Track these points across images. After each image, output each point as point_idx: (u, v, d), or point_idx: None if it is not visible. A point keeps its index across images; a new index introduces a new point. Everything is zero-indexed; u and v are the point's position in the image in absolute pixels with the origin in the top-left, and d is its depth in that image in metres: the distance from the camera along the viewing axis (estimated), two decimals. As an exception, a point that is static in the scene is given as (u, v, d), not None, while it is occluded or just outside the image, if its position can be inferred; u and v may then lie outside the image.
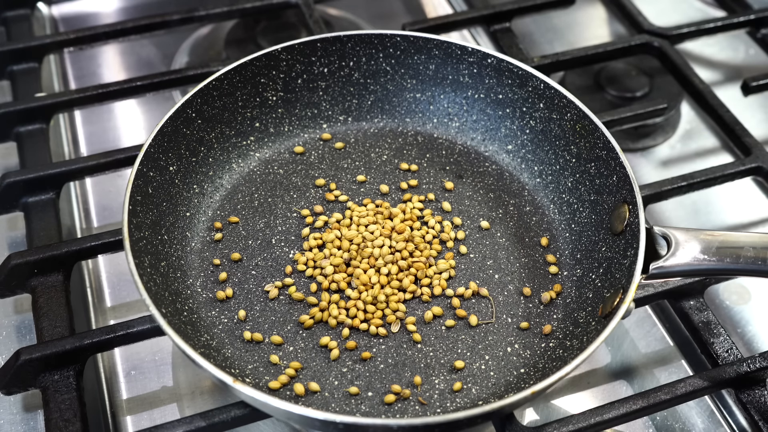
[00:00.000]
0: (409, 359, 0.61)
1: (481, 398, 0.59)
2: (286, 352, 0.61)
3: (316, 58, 0.74)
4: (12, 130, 0.78)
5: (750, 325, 0.71)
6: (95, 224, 0.77)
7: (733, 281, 0.74)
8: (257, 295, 0.65)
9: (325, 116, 0.77)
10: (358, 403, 0.58)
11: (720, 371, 0.62)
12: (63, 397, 0.59)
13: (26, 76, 0.85)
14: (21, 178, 0.71)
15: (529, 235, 0.69)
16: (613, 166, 0.65)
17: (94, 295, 0.72)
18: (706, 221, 0.80)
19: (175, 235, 0.66)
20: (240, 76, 0.72)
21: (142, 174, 0.64)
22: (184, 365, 0.66)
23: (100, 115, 0.87)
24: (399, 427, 0.50)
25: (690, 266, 0.57)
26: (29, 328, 0.67)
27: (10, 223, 0.76)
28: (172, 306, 0.60)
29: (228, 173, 0.72)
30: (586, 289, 0.64)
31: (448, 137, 0.76)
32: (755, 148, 0.77)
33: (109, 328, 0.62)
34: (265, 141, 0.75)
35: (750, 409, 0.62)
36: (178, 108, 0.67)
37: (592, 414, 0.58)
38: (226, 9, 0.90)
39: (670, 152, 0.86)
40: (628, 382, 0.67)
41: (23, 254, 0.66)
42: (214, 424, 0.57)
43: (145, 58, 0.95)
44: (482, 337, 0.63)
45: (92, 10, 1.01)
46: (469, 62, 0.73)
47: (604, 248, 0.64)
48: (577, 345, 0.59)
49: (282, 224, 0.70)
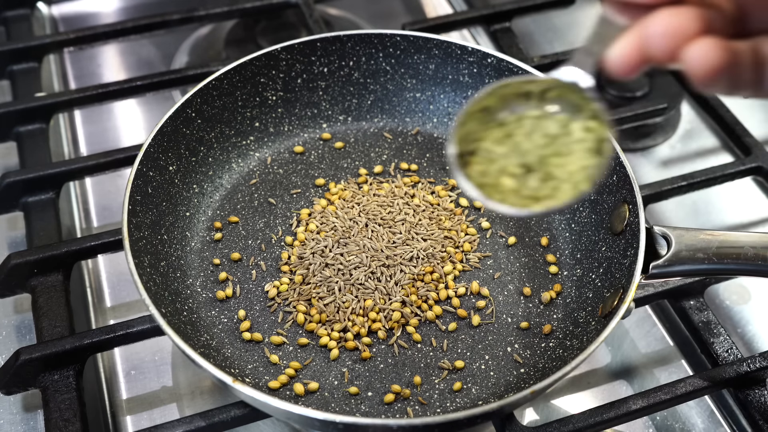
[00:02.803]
0: (409, 359, 0.61)
1: (481, 398, 0.59)
2: (286, 351, 0.61)
3: (315, 57, 0.74)
4: (12, 130, 0.78)
5: (750, 325, 0.71)
6: (95, 224, 0.77)
7: (733, 281, 0.74)
8: (257, 295, 0.65)
9: (324, 116, 0.77)
10: (358, 403, 0.58)
11: (720, 371, 0.62)
12: (63, 397, 0.59)
13: (26, 75, 0.85)
14: (21, 178, 0.71)
15: (529, 235, 0.69)
16: (613, 165, 0.65)
17: (94, 295, 0.72)
18: (706, 221, 0.80)
19: (175, 235, 0.66)
20: (240, 76, 0.72)
21: (142, 174, 0.64)
22: (184, 365, 0.66)
23: (100, 115, 0.87)
24: (399, 427, 0.50)
25: (690, 266, 0.57)
26: (29, 327, 0.67)
27: (10, 223, 0.76)
28: (172, 306, 0.60)
29: (228, 173, 0.72)
30: (586, 289, 0.64)
31: (448, 137, 0.76)
32: (755, 148, 0.77)
33: (109, 328, 0.62)
34: (264, 141, 0.75)
35: (750, 409, 0.62)
36: (178, 108, 0.67)
37: (592, 414, 0.58)
38: (226, 9, 0.90)
39: (670, 152, 0.86)
40: (628, 382, 0.67)
41: (23, 254, 0.66)
42: (214, 424, 0.57)
43: (145, 58, 0.95)
44: (482, 337, 0.63)
45: (92, 10, 1.01)
46: (469, 62, 0.73)
47: (604, 248, 0.64)
48: (577, 345, 0.59)
49: (282, 224, 0.70)
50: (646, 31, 0.38)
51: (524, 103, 0.45)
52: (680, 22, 0.38)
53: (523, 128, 0.45)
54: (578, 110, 0.44)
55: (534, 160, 0.44)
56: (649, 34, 0.38)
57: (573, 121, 0.44)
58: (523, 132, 0.45)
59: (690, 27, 0.38)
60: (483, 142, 0.45)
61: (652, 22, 0.38)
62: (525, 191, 0.44)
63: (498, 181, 0.44)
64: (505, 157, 0.44)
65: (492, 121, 0.45)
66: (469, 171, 0.45)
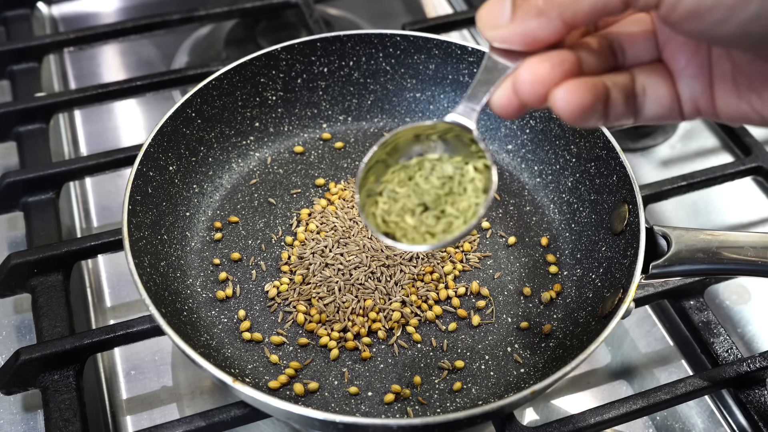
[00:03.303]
0: (409, 359, 0.61)
1: (481, 398, 0.59)
2: (286, 351, 0.61)
3: (315, 57, 0.74)
4: (12, 130, 0.78)
5: (750, 325, 0.71)
6: (95, 224, 0.77)
7: (733, 281, 0.74)
8: (257, 295, 0.65)
9: (324, 116, 0.77)
10: (358, 403, 0.58)
11: (720, 371, 0.62)
12: (63, 397, 0.59)
13: (26, 75, 0.85)
14: (21, 178, 0.71)
15: (529, 235, 0.69)
16: (613, 165, 0.65)
17: (94, 295, 0.72)
18: (706, 221, 0.80)
19: (175, 235, 0.66)
20: (240, 76, 0.72)
21: (142, 174, 0.64)
22: (184, 365, 0.66)
23: (100, 115, 0.87)
24: (399, 427, 0.50)
25: (690, 266, 0.57)
26: (29, 327, 0.67)
27: (10, 223, 0.76)
28: (172, 306, 0.60)
29: (228, 173, 0.72)
30: (586, 289, 0.64)
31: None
32: (755, 148, 0.77)
33: (109, 327, 0.62)
34: (264, 141, 0.75)
35: (750, 409, 0.62)
36: (178, 108, 0.67)
37: (592, 414, 0.58)
38: (226, 9, 0.90)
39: (670, 152, 0.86)
40: (628, 382, 0.67)
41: (23, 254, 0.66)
42: (214, 423, 0.57)
43: (145, 58, 0.95)
44: (482, 337, 0.63)
45: (92, 10, 1.01)
46: (469, 62, 0.73)
47: (604, 248, 0.64)
48: (577, 345, 0.59)
49: (282, 224, 0.70)
50: (517, 79, 0.40)
51: (427, 145, 0.49)
52: (545, 68, 0.39)
53: (424, 170, 0.49)
54: (473, 152, 0.48)
55: (431, 199, 0.49)
56: (518, 81, 0.40)
57: (468, 163, 0.48)
58: (422, 174, 0.49)
59: (556, 71, 0.39)
60: (388, 184, 0.50)
61: (520, 69, 0.40)
62: (422, 228, 0.49)
63: (401, 219, 0.49)
64: (406, 197, 0.49)
65: (396, 163, 0.50)
66: (375, 210, 0.49)
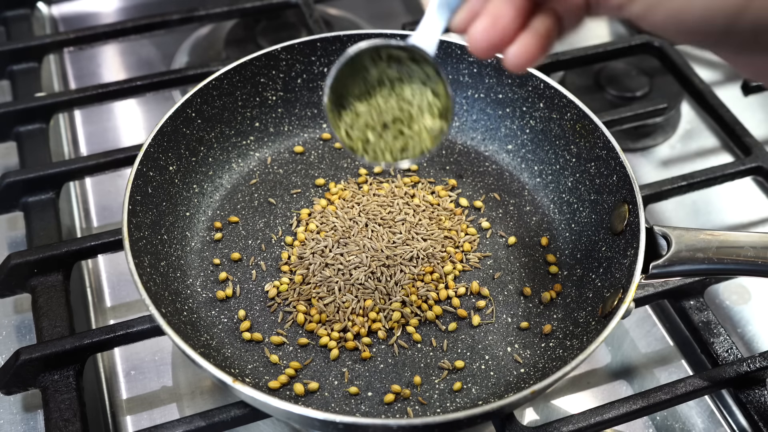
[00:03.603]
0: (409, 359, 0.61)
1: (481, 398, 0.59)
2: (286, 351, 0.61)
3: (315, 57, 0.74)
4: (12, 130, 0.78)
5: (750, 325, 0.71)
6: (95, 224, 0.77)
7: (733, 281, 0.74)
8: (257, 295, 0.65)
9: (324, 116, 0.76)
10: (358, 403, 0.58)
11: (720, 371, 0.62)
12: (63, 397, 0.59)
13: (26, 75, 0.85)
14: (21, 178, 0.71)
15: (529, 235, 0.69)
16: (613, 165, 0.65)
17: (94, 295, 0.72)
18: (706, 221, 0.80)
19: (175, 235, 0.66)
20: (240, 76, 0.72)
21: (142, 174, 0.64)
22: (184, 365, 0.66)
23: (99, 115, 0.87)
24: (399, 427, 0.50)
25: (690, 266, 0.57)
26: (29, 327, 0.67)
27: (10, 223, 0.76)
28: (172, 306, 0.60)
29: (228, 173, 0.72)
30: (586, 289, 0.64)
31: (447, 137, 0.76)
32: (755, 148, 0.77)
33: (109, 327, 0.62)
34: (264, 141, 0.75)
35: (750, 409, 0.62)
36: (178, 108, 0.67)
37: (592, 414, 0.58)
38: (226, 9, 0.90)
39: (670, 152, 0.86)
40: (628, 382, 0.67)
41: (23, 254, 0.66)
42: (214, 424, 0.57)
43: (145, 58, 0.95)
44: (482, 337, 0.63)
45: (92, 10, 1.01)
46: (469, 62, 0.73)
47: (604, 248, 0.64)
48: (577, 345, 0.59)
49: (282, 224, 0.70)
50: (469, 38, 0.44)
51: (391, 66, 0.52)
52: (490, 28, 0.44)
53: (384, 90, 0.52)
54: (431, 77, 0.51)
55: (389, 119, 0.52)
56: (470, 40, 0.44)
57: (426, 85, 0.52)
58: (383, 93, 0.53)
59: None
60: (352, 99, 0.53)
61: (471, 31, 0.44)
62: (382, 144, 0.53)
63: (363, 134, 0.53)
64: (368, 114, 0.53)
65: (363, 80, 0.52)
66: (340, 122, 0.53)
